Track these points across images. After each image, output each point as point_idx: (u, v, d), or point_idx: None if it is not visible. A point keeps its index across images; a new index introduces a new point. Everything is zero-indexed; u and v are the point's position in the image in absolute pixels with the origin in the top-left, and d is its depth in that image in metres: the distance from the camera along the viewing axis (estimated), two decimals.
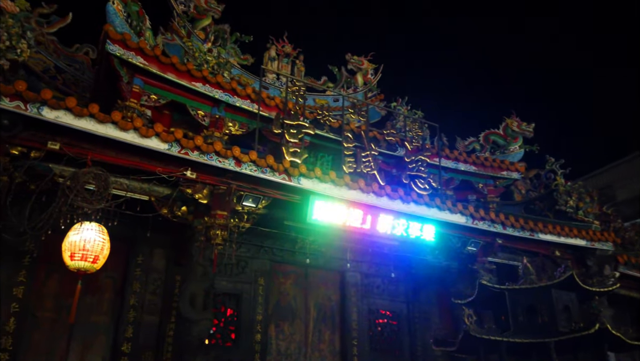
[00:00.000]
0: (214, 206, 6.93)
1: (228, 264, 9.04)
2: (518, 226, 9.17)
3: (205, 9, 11.84)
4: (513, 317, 5.08)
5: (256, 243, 9.38)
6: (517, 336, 4.61)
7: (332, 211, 7.54)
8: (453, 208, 8.53)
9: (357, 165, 8.91)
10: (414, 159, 9.68)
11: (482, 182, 11.48)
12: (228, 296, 8.92)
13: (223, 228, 6.79)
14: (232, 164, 6.67)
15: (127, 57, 7.32)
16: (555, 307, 4.70)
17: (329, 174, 7.45)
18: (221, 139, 8.09)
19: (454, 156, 10.63)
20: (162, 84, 7.90)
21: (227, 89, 8.12)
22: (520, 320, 4.95)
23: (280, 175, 7.03)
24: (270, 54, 13.61)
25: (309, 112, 9.15)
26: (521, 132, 12.04)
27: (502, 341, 4.77)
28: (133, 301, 7.96)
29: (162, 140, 6.18)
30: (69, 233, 6.30)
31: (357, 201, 7.69)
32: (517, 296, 5.10)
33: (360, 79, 14.60)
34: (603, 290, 4.98)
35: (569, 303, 4.93)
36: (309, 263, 9.98)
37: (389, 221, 8.01)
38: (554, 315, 4.63)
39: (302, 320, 9.63)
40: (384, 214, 7.89)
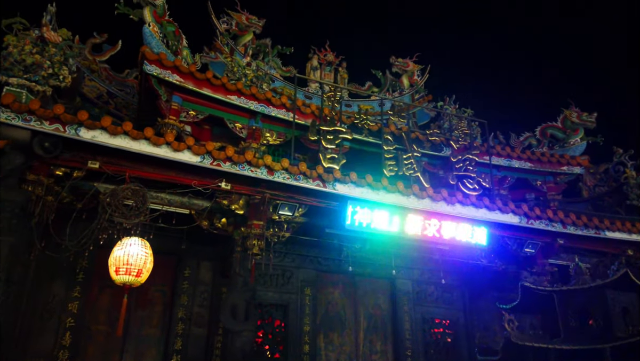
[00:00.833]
0: (251, 216, 6.93)
1: (273, 275, 9.03)
2: (581, 224, 8.43)
3: (246, 25, 12.11)
4: (563, 322, 4.57)
5: (301, 253, 9.30)
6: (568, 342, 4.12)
7: (370, 215, 7.29)
8: (504, 208, 7.99)
9: (398, 168, 8.61)
10: (460, 158, 9.22)
11: (540, 179, 10.72)
12: (275, 307, 8.88)
13: (259, 238, 6.74)
14: (264, 173, 6.63)
15: (163, 75, 7.55)
16: (611, 310, 4.16)
17: (366, 178, 7.23)
18: (257, 149, 8.12)
19: (506, 152, 10.00)
20: (199, 99, 8.06)
21: (261, 99, 8.16)
22: (571, 324, 4.44)
23: (314, 182, 6.91)
24: (312, 63, 13.65)
25: (346, 117, 8.99)
26: (582, 123, 11.17)
27: (550, 349, 4.29)
28: (181, 313, 8.12)
29: (194, 153, 6.27)
30: (114, 248, 6.52)
31: (397, 204, 7.39)
32: (568, 298, 4.58)
33: (406, 81, 14.27)
34: None
35: (628, 305, 4.36)
36: (357, 271, 9.78)
37: (432, 224, 7.62)
38: (609, 318, 4.09)
39: (351, 330, 9.38)
40: (426, 217, 7.52)
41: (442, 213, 7.61)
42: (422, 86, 14.29)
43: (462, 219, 7.84)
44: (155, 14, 7.89)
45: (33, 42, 6.47)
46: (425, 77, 14.48)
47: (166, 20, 8.19)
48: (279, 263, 9.13)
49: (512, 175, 10.44)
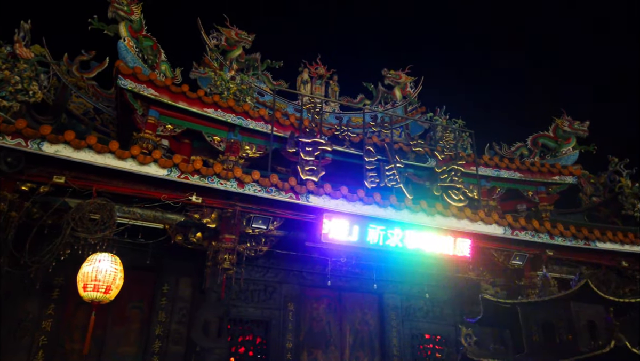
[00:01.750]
0: (222, 230, 6.81)
1: (255, 290, 8.86)
2: (569, 235, 8.17)
3: (236, 40, 12.15)
4: (527, 336, 4.33)
5: (284, 267, 9.12)
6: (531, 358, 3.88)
7: (347, 228, 7.13)
8: (487, 219, 7.77)
9: (380, 179, 8.47)
10: (445, 169, 9.05)
11: (532, 189, 10.48)
12: (256, 323, 8.68)
13: (231, 252, 6.60)
14: (234, 185, 6.52)
15: (138, 90, 7.52)
16: (576, 323, 3.91)
17: (341, 190, 7.08)
18: (235, 162, 8.03)
19: (494, 163, 9.80)
20: (176, 113, 8.02)
21: (239, 112, 8.09)
22: (535, 339, 4.19)
23: (287, 194, 6.78)
24: (303, 77, 13.63)
25: (327, 128, 8.89)
26: (574, 131, 10.95)
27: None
28: (159, 331, 7.95)
29: (161, 166, 6.19)
30: (83, 264, 6.43)
31: (374, 215, 7.22)
32: (531, 311, 4.34)
33: (399, 93, 14.19)
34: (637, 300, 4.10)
35: (594, 319, 4.11)
36: (343, 285, 9.57)
37: (412, 236, 7.42)
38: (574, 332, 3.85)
39: (337, 347, 9.13)
40: (404, 229, 7.33)
41: (420, 225, 7.40)
42: (415, 98, 14.19)
43: (444, 231, 7.62)
44: (131, 29, 7.90)
45: (3, 58, 6.48)
46: (418, 89, 14.39)
47: (143, 35, 8.20)
48: (260, 278, 8.98)
49: (502, 186, 10.22)
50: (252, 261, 8.91)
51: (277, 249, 8.01)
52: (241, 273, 6.84)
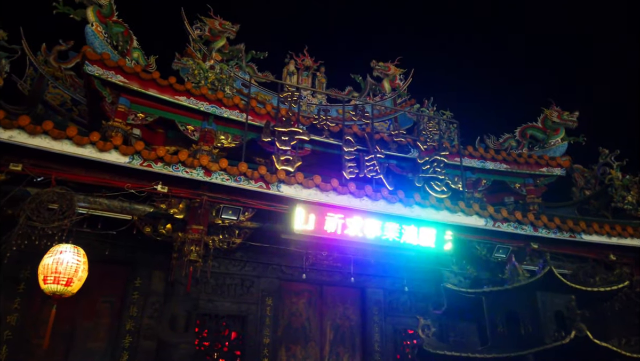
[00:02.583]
0: (190, 221, 6.56)
1: (232, 285, 8.62)
2: (553, 227, 7.91)
3: (220, 30, 11.88)
4: (491, 328, 4.08)
5: (262, 261, 8.87)
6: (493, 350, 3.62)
7: (321, 219, 6.87)
8: (468, 210, 7.52)
9: (359, 170, 8.22)
10: (427, 160, 8.79)
11: (519, 181, 10.23)
12: (232, 318, 8.43)
13: (197, 243, 6.34)
14: (201, 174, 6.27)
15: (106, 76, 7.27)
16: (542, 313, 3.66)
17: (313, 179, 6.82)
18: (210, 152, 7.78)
19: (479, 154, 9.54)
20: (148, 101, 7.77)
21: (212, 100, 7.84)
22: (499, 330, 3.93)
23: (256, 183, 6.53)
24: (289, 68, 13.38)
25: (305, 118, 8.64)
26: (563, 122, 10.68)
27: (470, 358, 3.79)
28: (130, 326, 7.71)
29: (122, 153, 5.94)
30: (45, 256, 6.19)
31: (349, 206, 6.97)
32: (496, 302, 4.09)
33: (388, 85, 13.93)
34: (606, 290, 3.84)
35: (562, 309, 3.85)
36: (324, 280, 9.34)
37: (389, 228, 7.17)
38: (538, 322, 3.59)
39: (316, 342, 8.90)
40: (381, 220, 7.08)
41: (398, 216, 7.15)
42: (404, 91, 13.93)
43: (422, 223, 7.37)
44: (100, 14, 7.64)
45: None
46: (408, 81, 14.15)
47: (113, 21, 7.94)
48: (237, 272, 8.74)
49: (488, 178, 9.97)
50: (228, 255, 8.69)
51: (251, 241, 7.75)
52: (209, 265, 6.56)
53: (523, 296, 3.94)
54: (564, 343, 3.34)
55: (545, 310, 3.58)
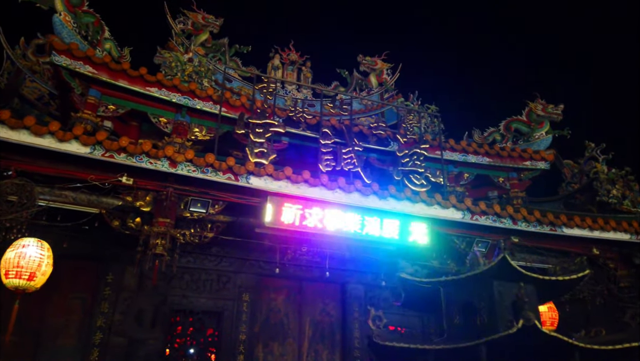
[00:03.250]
0: (157, 214, 6.39)
1: (207, 280, 8.48)
2: (533, 220, 7.75)
3: (203, 24, 11.72)
4: (447, 319, 3.92)
5: (239, 256, 8.73)
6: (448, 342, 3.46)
7: (293, 212, 6.72)
8: (444, 202, 7.36)
9: (336, 163, 8.05)
10: (407, 153, 8.62)
11: (503, 175, 10.08)
12: (208, 314, 8.30)
13: (163, 237, 6.18)
14: (166, 165, 6.11)
15: (74, 67, 7.11)
16: (498, 303, 3.49)
17: (284, 170, 6.67)
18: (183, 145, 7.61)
19: (461, 147, 9.38)
20: (119, 93, 7.61)
21: (185, 91, 7.68)
22: (455, 322, 3.78)
23: (224, 174, 6.37)
24: (274, 63, 13.19)
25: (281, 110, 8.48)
26: (547, 115, 10.52)
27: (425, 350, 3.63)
28: (100, 322, 7.55)
29: (82, 143, 5.77)
30: (7, 250, 6.04)
31: (322, 199, 6.81)
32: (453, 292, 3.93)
33: (374, 80, 13.77)
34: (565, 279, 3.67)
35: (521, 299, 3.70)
36: (304, 275, 9.20)
37: (363, 221, 7.01)
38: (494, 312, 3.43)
39: (295, 339, 8.75)
40: (351, 212, 6.93)
41: (368, 208, 7.00)
42: (392, 85, 13.77)
43: (395, 215, 7.21)
44: (68, 3, 7.47)
45: None
46: (395, 76, 14.00)
47: (83, 11, 7.77)
48: (213, 268, 8.59)
49: (471, 171, 9.81)
50: (204, 250, 8.55)
51: (225, 235, 7.59)
52: (175, 259, 6.39)
53: (480, 287, 3.79)
54: (511, 332, 3.19)
55: (502, 300, 3.42)
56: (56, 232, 6.78)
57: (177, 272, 8.25)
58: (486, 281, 3.71)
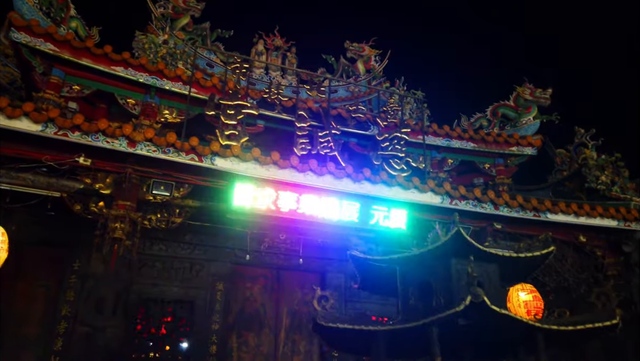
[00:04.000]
0: (117, 197, 6.09)
1: (179, 268, 8.19)
2: (515, 205, 7.46)
3: (184, 8, 11.38)
4: (403, 300, 3.63)
5: (213, 244, 8.43)
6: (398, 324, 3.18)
7: (260, 195, 6.42)
8: (422, 186, 7.06)
9: (312, 146, 7.75)
10: (387, 137, 8.31)
11: (489, 162, 9.79)
12: (179, 303, 8.01)
13: (122, 220, 5.88)
14: (124, 144, 5.80)
15: (34, 44, 6.79)
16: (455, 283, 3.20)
17: (252, 151, 6.36)
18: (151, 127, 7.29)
19: (444, 131, 9.06)
20: (84, 72, 7.29)
21: (153, 71, 7.36)
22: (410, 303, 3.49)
23: (187, 155, 6.06)
24: (258, 48, 12.86)
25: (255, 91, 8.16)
26: (535, 100, 10.21)
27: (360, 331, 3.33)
28: (65, 311, 7.27)
29: (33, 120, 5.46)
30: None
31: (291, 181, 6.52)
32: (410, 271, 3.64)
33: (362, 66, 13.46)
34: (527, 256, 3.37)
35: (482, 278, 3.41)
36: (281, 264, 8.92)
37: (335, 204, 6.72)
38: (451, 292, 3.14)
39: (271, 329, 8.48)
40: (326, 195, 6.63)
41: (344, 192, 6.69)
42: (380, 72, 13.45)
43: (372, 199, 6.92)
44: None
45: None
46: (384, 63, 13.66)
47: None
48: (186, 256, 8.30)
49: (455, 157, 9.51)
50: (177, 238, 8.26)
51: (194, 221, 7.31)
52: (135, 243, 6.09)
53: (437, 265, 3.50)
54: (458, 310, 2.90)
55: (460, 279, 3.14)
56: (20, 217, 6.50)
57: (148, 260, 8.00)
58: (444, 259, 3.42)
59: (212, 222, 7.52)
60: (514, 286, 8.49)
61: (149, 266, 7.95)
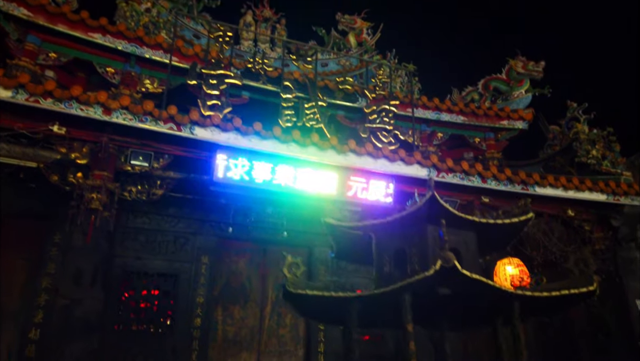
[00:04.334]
0: (93, 166, 5.93)
1: (163, 242, 8.06)
2: (503, 178, 7.36)
3: None
4: (378, 268, 3.54)
5: (198, 217, 8.28)
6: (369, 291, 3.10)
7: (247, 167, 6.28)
8: (408, 158, 6.93)
9: (297, 118, 7.57)
10: (375, 109, 8.14)
11: (479, 136, 9.65)
12: (164, 276, 7.91)
13: (99, 190, 5.73)
14: (99, 112, 5.62)
15: (7, 9, 6.55)
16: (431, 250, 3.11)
17: (233, 121, 6.19)
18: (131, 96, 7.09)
19: (434, 104, 8.89)
20: (61, 39, 7.06)
21: (131, 38, 7.13)
22: (385, 271, 3.40)
23: (165, 124, 5.89)
24: (246, 19, 12.52)
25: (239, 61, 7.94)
26: (527, 73, 10.01)
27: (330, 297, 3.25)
28: (46, 283, 7.14)
29: (3, 87, 5.26)
30: None
31: (276, 153, 6.37)
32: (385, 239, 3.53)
33: (353, 39, 13.14)
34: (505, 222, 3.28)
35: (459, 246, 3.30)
36: (268, 238, 8.79)
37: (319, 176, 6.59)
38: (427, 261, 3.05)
39: (257, 303, 8.42)
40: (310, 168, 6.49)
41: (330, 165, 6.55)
42: (372, 46, 13.15)
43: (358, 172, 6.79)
44: None
45: None
46: (376, 36, 13.32)
47: None
48: (170, 229, 8.16)
49: (445, 131, 9.36)
50: (160, 211, 8.11)
51: (176, 193, 7.18)
52: (113, 213, 5.96)
53: (413, 232, 3.39)
54: (428, 275, 2.80)
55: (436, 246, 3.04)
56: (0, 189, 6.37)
57: (131, 233, 7.88)
58: (419, 226, 3.31)
59: (195, 194, 7.40)
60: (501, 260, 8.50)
61: (132, 239, 7.82)
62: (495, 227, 3.34)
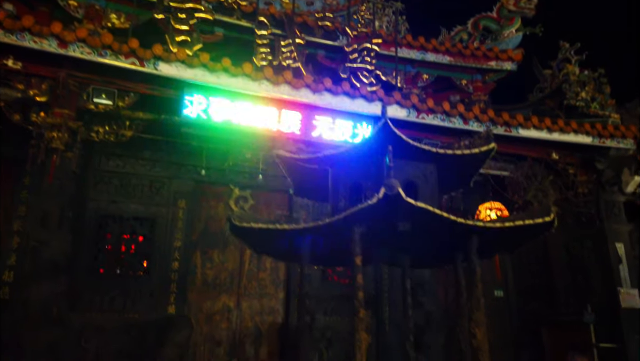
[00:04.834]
0: (53, 104, 5.65)
1: (138, 185, 7.90)
2: (485, 119, 7.12)
3: None
4: (333, 202, 3.39)
5: (175, 161, 8.08)
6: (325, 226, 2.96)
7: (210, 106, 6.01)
8: (386, 98, 6.66)
9: (273, 56, 7.22)
10: (356, 48, 7.77)
11: (466, 78, 9.32)
12: (139, 220, 7.81)
13: (60, 129, 5.49)
14: (54, 45, 5.29)
15: None
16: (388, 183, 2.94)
17: (200, 57, 5.86)
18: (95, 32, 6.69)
19: (419, 43, 8.50)
20: None
21: None
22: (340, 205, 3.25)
23: (127, 59, 5.56)
24: None
25: None
26: (519, 10, 9.54)
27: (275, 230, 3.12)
28: (17, 226, 7.05)
29: None
30: None
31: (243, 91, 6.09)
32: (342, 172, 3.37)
33: None
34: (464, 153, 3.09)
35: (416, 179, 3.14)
36: (248, 183, 8.65)
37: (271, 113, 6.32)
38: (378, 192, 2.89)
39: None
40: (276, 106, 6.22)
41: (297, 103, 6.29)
42: None
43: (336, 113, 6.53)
44: None
45: None
46: None
47: None
48: (146, 173, 7.98)
49: (431, 72, 9.02)
50: (135, 153, 7.90)
51: (147, 134, 6.94)
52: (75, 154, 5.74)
53: (369, 165, 3.21)
54: (371, 203, 2.65)
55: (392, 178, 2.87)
56: None
57: (104, 176, 7.71)
58: (375, 158, 3.12)
59: (168, 136, 7.16)
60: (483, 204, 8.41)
61: (106, 183, 7.66)
62: (455, 158, 3.15)
